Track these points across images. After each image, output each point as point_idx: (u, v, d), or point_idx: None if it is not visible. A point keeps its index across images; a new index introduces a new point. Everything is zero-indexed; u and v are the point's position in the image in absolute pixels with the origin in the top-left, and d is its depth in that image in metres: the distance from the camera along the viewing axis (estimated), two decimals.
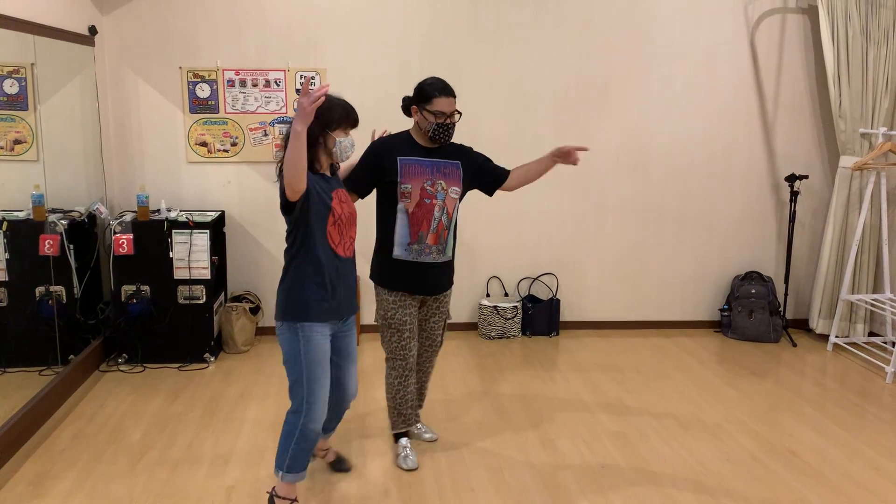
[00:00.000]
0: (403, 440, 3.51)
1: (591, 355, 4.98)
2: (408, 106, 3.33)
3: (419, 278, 3.33)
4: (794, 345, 5.23)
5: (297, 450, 2.90)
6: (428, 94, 3.22)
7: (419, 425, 3.73)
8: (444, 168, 3.32)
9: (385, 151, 3.30)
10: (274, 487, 3.01)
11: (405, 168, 3.27)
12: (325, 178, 2.89)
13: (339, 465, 3.39)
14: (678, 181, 5.38)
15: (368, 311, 5.32)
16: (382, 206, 3.35)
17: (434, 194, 3.28)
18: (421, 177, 3.26)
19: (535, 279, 5.45)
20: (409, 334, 3.36)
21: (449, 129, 3.25)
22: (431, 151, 3.32)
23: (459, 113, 3.28)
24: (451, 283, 3.49)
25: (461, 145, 3.44)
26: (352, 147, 2.92)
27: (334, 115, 2.83)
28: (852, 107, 5.01)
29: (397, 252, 3.30)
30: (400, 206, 3.27)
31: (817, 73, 5.32)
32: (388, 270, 3.34)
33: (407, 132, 3.38)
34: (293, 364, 2.86)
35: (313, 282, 2.85)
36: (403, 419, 3.49)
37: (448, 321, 3.63)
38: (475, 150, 3.49)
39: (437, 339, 3.57)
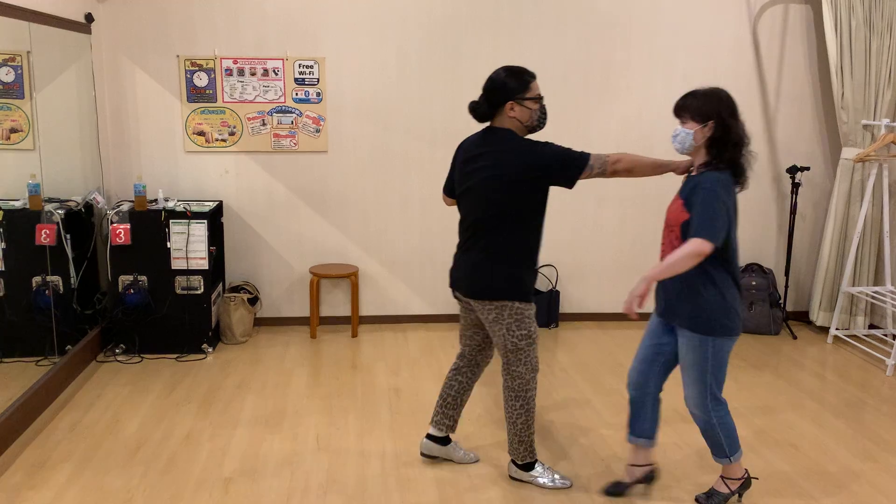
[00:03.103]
0: (539, 465, 3.24)
1: (590, 347, 4.97)
2: (494, 106, 2.95)
3: None
4: (795, 337, 5.22)
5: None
6: (523, 82, 2.90)
7: (454, 445, 3.42)
8: None
9: None
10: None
11: None
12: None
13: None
14: None
15: (366, 302, 5.31)
16: (526, 215, 2.94)
17: None
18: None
19: None
20: None
21: (546, 111, 3.03)
22: None
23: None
24: None
25: None
26: (673, 138, 2.81)
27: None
28: (855, 98, 4.98)
29: (539, 262, 3.07)
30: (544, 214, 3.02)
31: (820, 63, 5.29)
32: (532, 283, 3.03)
33: (511, 132, 2.96)
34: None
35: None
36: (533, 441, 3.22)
37: None
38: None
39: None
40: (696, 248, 2.61)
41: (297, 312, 5.31)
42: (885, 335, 5.19)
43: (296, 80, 4.98)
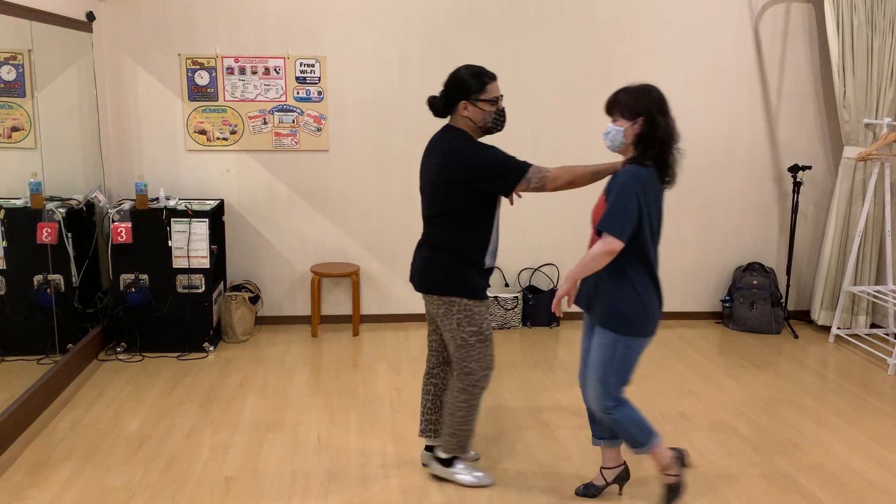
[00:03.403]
0: (460, 462, 3.24)
1: None
2: (450, 103, 2.94)
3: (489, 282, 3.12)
4: (796, 336, 5.21)
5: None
6: (480, 83, 2.89)
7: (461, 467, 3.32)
8: None
9: None
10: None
11: None
12: None
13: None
14: (680, 171, 5.34)
15: (367, 301, 5.31)
16: (469, 214, 2.94)
17: None
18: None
19: (535, 270, 5.42)
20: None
21: (505, 114, 3.00)
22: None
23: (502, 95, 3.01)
24: None
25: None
26: (604, 135, 2.79)
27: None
28: (857, 97, 4.97)
29: (489, 262, 3.02)
30: (497, 213, 2.99)
31: (821, 62, 5.28)
32: (480, 281, 3.01)
33: (464, 131, 2.97)
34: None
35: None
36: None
37: None
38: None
39: None
40: (606, 246, 2.64)
41: (299, 311, 5.31)
42: (887, 334, 5.18)
43: (297, 78, 4.98)
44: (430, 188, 2.99)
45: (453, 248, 2.97)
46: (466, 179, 2.88)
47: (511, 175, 2.86)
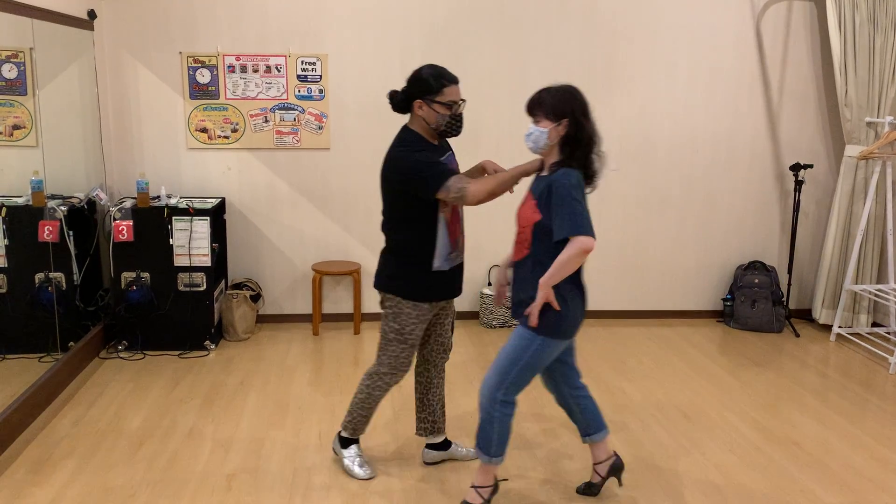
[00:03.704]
0: (356, 447, 3.32)
1: (592, 345, 4.97)
2: (406, 101, 2.95)
3: (451, 284, 3.08)
4: (797, 335, 5.21)
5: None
6: (437, 84, 2.88)
7: (455, 445, 3.43)
8: (452, 162, 3.07)
9: (430, 153, 2.95)
10: None
11: None
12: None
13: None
14: (681, 170, 5.35)
15: (369, 299, 5.31)
16: (411, 217, 2.96)
17: None
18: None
19: None
20: (415, 349, 3.14)
21: (461, 119, 2.97)
22: (439, 148, 3.02)
23: (464, 100, 2.99)
24: None
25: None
26: (526, 137, 2.78)
27: None
28: (858, 95, 4.97)
29: (438, 264, 2.99)
30: (441, 215, 2.96)
31: (823, 61, 5.27)
32: (424, 284, 3.01)
33: (413, 132, 2.98)
34: None
35: None
36: (362, 428, 3.29)
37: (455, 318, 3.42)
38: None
39: (449, 342, 3.29)
40: (582, 245, 2.61)
41: (300, 309, 5.31)
42: (888, 333, 5.18)
43: (298, 76, 4.97)
44: (381, 191, 3.06)
45: (399, 249, 3.03)
46: (398, 181, 2.91)
47: (431, 181, 2.85)
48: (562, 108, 2.65)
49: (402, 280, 3.02)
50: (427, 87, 2.89)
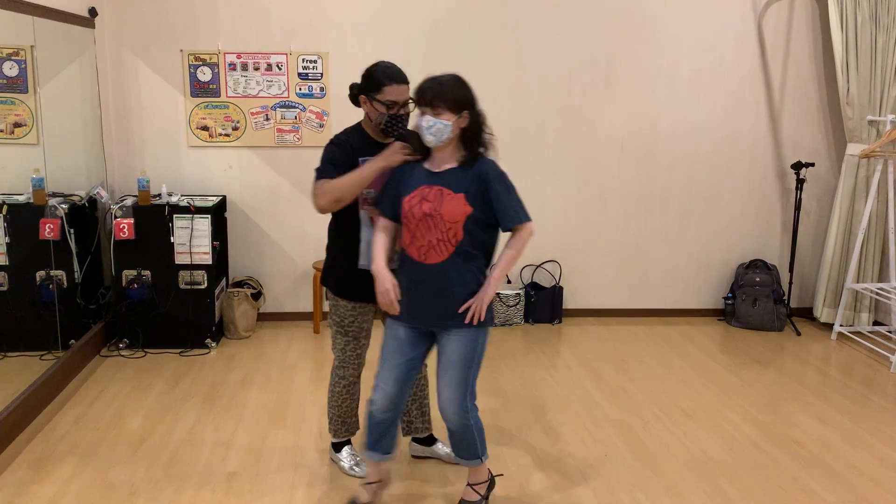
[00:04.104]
0: (349, 448, 3.32)
1: (593, 343, 4.96)
2: (356, 95, 2.94)
3: None
4: (798, 333, 5.21)
5: (367, 426, 2.91)
6: (377, 82, 2.84)
7: (440, 444, 3.40)
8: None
9: (346, 152, 2.91)
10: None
11: None
12: (417, 172, 2.76)
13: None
14: (683, 168, 5.34)
15: None
16: (340, 214, 2.99)
17: None
18: (381, 178, 2.85)
19: (537, 266, 5.42)
20: (365, 342, 3.14)
21: (402, 120, 2.89)
22: (382, 146, 2.92)
23: (413, 101, 2.82)
24: None
25: (413, 131, 2.96)
26: (425, 130, 2.66)
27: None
28: (860, 94, 4.96)
29: (362, 262, 2.98)
30: (363, 213, 2.95)
31: (825, 59, 5.26)
32: (348, 281, 3.03)
33: (359, 125, 2.99)
34: None
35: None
36: (347, 428, 3.30)
37: None
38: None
39: None
40: (531, 230, 2.71)
41: (301, 308, 5.31)
42: (890, 332, 5.18)
43: (299, 74, 4.97)
44: None
45: (331, 243, 3.10)
46: None
47: (316, 176, 2.88)
48: (463, 99, 2.64)
49: (331, 274, 3.08)
50: (370, 83, 2.87)
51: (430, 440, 3.39)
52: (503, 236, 2.73)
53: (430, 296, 2.69)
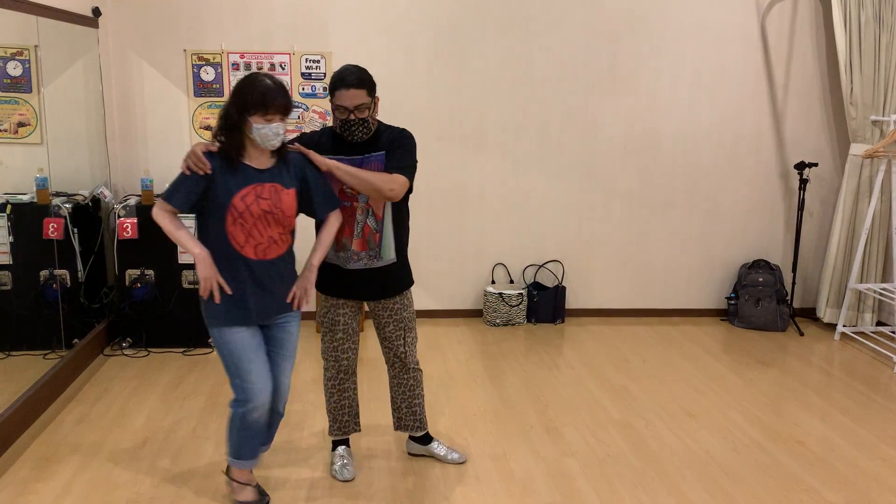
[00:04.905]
0: (341, 448, 3.30)
1: (596, 343, 4.96)
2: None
3: (351, 284, 3.04)
4: (801, 334, 5.20)
5: (242, 437, 2.87)
6: (333, 86, 2.82)
7: (436, 444, 3.39)
8: (366, 164, 2.89)
9: (309, 147, 2.90)
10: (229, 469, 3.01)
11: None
12: (240, 171, 2.68)
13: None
14: (686, 168, 5.34)
15: None
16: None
17: (355, 196, 2.92)
18: (335, 179, 2.87)
19: (540, 266, 5.42)
20: (342, 335, 3.12)
21: (352, 125, 2.82)
22: (358, 146, 2.90)
23: (370, 105, 2.83)
24: (399, 286, 3.09)
25: (399, 130, 2.97)
26: (276, 136, 2.63)
27: (250, 99, 2.58)
28: (864, 94, 4.95)
29: (330, 257, 3.03)
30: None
31: (828, 59, 5.26)
32: (321, 274, 3.05)
33: (330, 127, 3.00)
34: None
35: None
36: (339, 426, 3.29)
37: (414, 332, 3.20)
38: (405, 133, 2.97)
39: (401, 352, 3.16)
40: (339, 215, 2.95)
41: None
42: (893, 332, 5.17)
43: (302, 74, 4.98)
44: None
45: None
46: None
47: None
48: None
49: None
50: (329, 85, 2.87)
51: (426, 439, 3.39)
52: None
53: (276, 289, 2.80)
